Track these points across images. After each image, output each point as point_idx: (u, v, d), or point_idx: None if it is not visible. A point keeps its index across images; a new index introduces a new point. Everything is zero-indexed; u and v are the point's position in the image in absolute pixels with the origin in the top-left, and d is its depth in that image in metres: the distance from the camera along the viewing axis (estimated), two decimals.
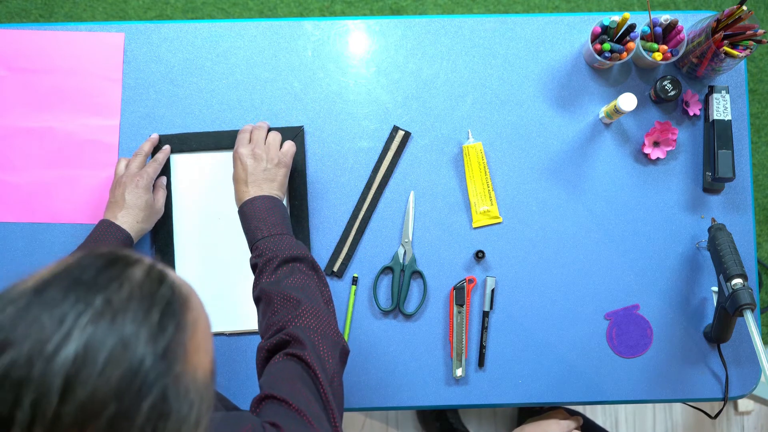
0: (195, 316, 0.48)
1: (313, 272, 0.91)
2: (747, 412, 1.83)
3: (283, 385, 0.73)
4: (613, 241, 1.11)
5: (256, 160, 0.99)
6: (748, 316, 0.95)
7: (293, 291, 0.86)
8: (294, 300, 0.85)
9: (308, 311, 0.84)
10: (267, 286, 0.88)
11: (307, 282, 0.89)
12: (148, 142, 1.07)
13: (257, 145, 1.01)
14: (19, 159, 1.10)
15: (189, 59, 1.12)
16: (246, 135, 1.03)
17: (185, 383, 0.45)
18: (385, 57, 1.13)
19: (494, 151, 1.12)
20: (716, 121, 1.09)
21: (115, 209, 1.01)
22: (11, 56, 1.11)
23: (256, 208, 0.96)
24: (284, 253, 0.90)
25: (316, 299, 0.87)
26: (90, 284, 0.44)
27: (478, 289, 1.11)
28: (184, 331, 0.46)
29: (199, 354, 0.47)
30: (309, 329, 0.81)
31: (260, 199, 0.97)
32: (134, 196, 1.01)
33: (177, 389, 0.44)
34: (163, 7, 1.87)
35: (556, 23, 1.14)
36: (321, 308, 0.85)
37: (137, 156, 1.05)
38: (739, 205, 1.12)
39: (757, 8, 1.94)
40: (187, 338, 0.46)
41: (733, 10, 1.00)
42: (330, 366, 0.79)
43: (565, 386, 1.10)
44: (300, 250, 0.92)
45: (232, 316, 1.09)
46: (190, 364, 0.45)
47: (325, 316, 0.85)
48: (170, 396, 0.43)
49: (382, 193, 1.11)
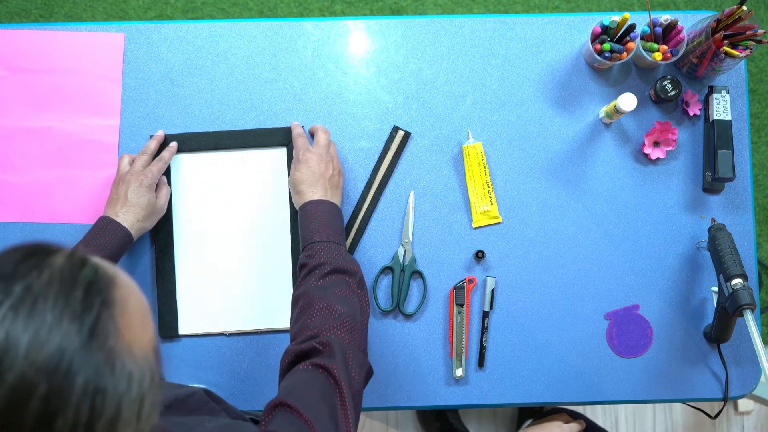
0: (124, 294, 0.48)
1: (359, 290, 0.91)
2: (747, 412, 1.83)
3: (301, 396, 0.73)
4: (613, 241, 1.11)
5: (326, 165, 1.01)
6: (748, 316, 0.95)
7: (337, 302, 0.86)
8: (336, 311, 0.84)
9: (346, 325, 0.83)
10: (312, 289, 0.88)
11: (351, 297, 0.88)
12: (154, 140, 1.07)
13: (326, 150, 1.03)
14: (19, 159, 1.10)
15: (189, 59, 1.12)
16: (304, 139, 1.04)
17: (120, 358, 0.45)
18: (385, 57, 1.13)
19: (494, 151, 1.12)
20: (716, 121, 1.09)
21: (117, 206, 1.01)
22: (11, 56, 1.11)
23: (320, 210, 0.97)
24: (337, 262, 0.90)
25: (356, 316, 0.86)
26: (9, 275, 0.45)
27: (478, 289, 1.11)
28: (112, 307, 0.46)
29: (132, 330, 0.47)
30: (343, 343, 0.81)
31: (327, 204, 0.98)
32: (137, 194, 1.01)
33: (111, 365, 0.44)
34: (163, 7, 1.87)
35: (556, 23, 1.14)
36: (358, 326, 0.85)
37: (143, 154, 1.05)
38: (739, 205, 1.12)
39: (757, 8, 1.94)
40: (116, 314, 0.46)
41: (733, 10, 1.00)
42: (355, 383, 0.78)
43: (565, 386, 1.10)
44: (353, 264, 0.92)
45: (232, 316, 1.09)
46: (124, 339, 0.46)
47: (360, 334, 0.85)
48: (104, 372, 0.44)
49: (382, 193, 1.11)
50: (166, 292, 1.08)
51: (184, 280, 1.09)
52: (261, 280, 1.09)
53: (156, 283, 1.09)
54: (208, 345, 1.09)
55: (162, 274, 1.09)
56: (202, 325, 1.09)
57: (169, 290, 1.08)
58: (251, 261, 1.09)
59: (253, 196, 1.11)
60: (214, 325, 1.09)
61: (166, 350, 1.08)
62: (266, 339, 1.09)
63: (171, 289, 1.08)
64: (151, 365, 0.48)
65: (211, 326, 1.09)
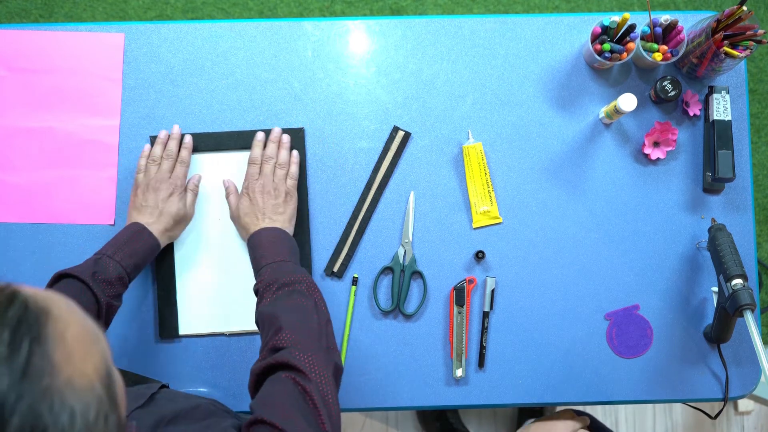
0: (60, 327, 0.46)
1: (310, 294, 0.91)
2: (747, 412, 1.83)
3: (273, 408, 0.73)
4: (613, 241, 1.11)
5: (266, 196, 1.03)
6: (748, 316, 0.95)
7: (291, 312, 0.86)
8: (288, 321, 0.84)
9: (298, 330, 0.83)
10: (263, 308, 0.89)
11: (302, 302, 0.89)
12: (173, 141, 1.07)
13: (266, 181, 1.04)
14: (19, 159, 1.10)
15: (189, 59, 1.12)
16: (255, 168, 1.05)
17: (59, 395, 0.43)
18: (385, 57, 1.13)
19: (494, 151, 1.12)
20: (716, 122, 1.09)
21: (145, 215, 1.02)
22: (11, 56, 1.11)
23: (262, 238, 0.99)
24: (284, 277, 0.91)
25: (310, 319, 0.87)
26: None
27: (478, 290, 1.11)
28: (44, 344, 0.44)
29: (72, 362, 0.45)
30: (302, 349, 0.80)
31: (267, 230, 1.00)
32: (168, 204, 1.02)
33: (50, 403, 0.43)
34: (163, 7, 1.87)
35: (556, 23, 1.14)
36: (314, 327, 0.85)
37: (168, 158, 1.05)
38: (739, 205, 1.12)
39: (757, 8, 1.94)
40: (50, 350, 0.44)
41: (733, 11, 1.00)
42: (323, 384, 0.78)
43: (565, 386, 1.10)
44: (299, 274, 0.93)
45: (232, 317, 1.09)
46: (62, 375, 0.44)
47: (318, 335, 0.84)
48: (41, 412, 0.42)
49: (382, 193, 1.11)
50: (166, 293, 1.08)
51: (185, 280, 1.09)
52: None
53: (156, 283, 1.09)
54: (209, 345, 1.09)
55: (162, 274, 1.09)
56: (202, 326, 1.09)
57: (169, 290, 1.08)
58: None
59: None
60: (214, 326, 1.09)
61: (167, 350, 1.08)
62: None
63: (171, 289, 1.08)
64: (98, 395, 0.46)
65: (212, 326, 1.09)
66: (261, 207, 1.02)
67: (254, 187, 1.04)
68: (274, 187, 1.04)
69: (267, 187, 1.03)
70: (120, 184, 1.10)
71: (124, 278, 0.95)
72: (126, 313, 1.08)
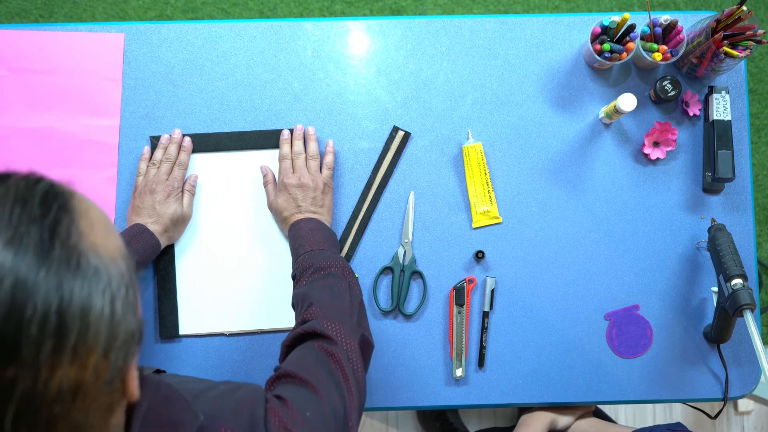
0: (84, 205, 0.49)
1: (343, 276, 0.93)
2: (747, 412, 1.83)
3: (298, 364, 0.75)
4: (613, 241, 1.11)
5: (304, 190, 1.04)
6: (748, 316, 0.95)
7: (317, 291, 0.89)
8: (320, 304, 0.87)
9: (328, 306, 0.85)
10: (298, 290, 0.92)
11: (335, 283, 0.91)
12: (173, 145, 1.08)
13: (302, 174, 1.05)
14: (19, 159, 1.10)
15: (189, 59, 1.12)
16: (288, 163, 1.06)
17: (86, 256, 0.45)
18: (385, 57, 1.13)
19: (494, 151, 1.12)
20: (716, 122, 1.09)
21: (144, 216, 1.03)
22: (11, 56, 1.11)
23: (301, 228, 1.01)
24: (319, 262, 0.93)
25: (342, 297, 0.89)
26: None
27: (478, 290, 1.11)
28: (71, 212, 0.47)
29: (95, 233, 0.47)
30: (325, 318, 0.83)
31: (306, 221, 1.02)
32: (165, 206, 1.03)
33: (77, 260, 0.44)
34: (163, 7, 1.87)
35: (556, 23, 1.14)
36: (344, 305, 0.88)
37: (167, 161, 1.07)
38: (739, 205, 1.12)
39: (757, 8, 1.94)
40: (77, 218, 0.47)
41: (732, 11, 1.00)
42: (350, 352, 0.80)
43: (565, 386, 1.10)
44: (335, 259, 0.95)
45: (232, 317, 1.09)
46: (87, 240, 0.46)
47: (350, 311, 0.87)
48: (69, 266, 0.44)
49: (382, 193, 1.11)
50: (167, 293, 1.08)
51: (185, 280, 1.09)
52: (261, 281, 1.09)
53: (156, 283, 1.09)
54: (209, 345, 1.09)
55: (163, 274, 1.09)
56: (202, 326, 1.09)
57: (170, 290, 1.08)
58: (252, 261, 1.10)
59: (253, 196, 1.11)
60: (214, 326, 1.09)
61: (167, 351, 1.08)
62: (266, 339, 1.09)
63: (172, 289, 1.08)
64: (120, 268, 0.48)
65: (212, 326, 1.09)
66: (299, 201, 1.04)
67: (291, 182, 1.04)
68: (312, 179, 1.05)
69: (304, 180, 1.04)
70: (120, 184, 1.10)
71: None
72: None
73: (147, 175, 1.06)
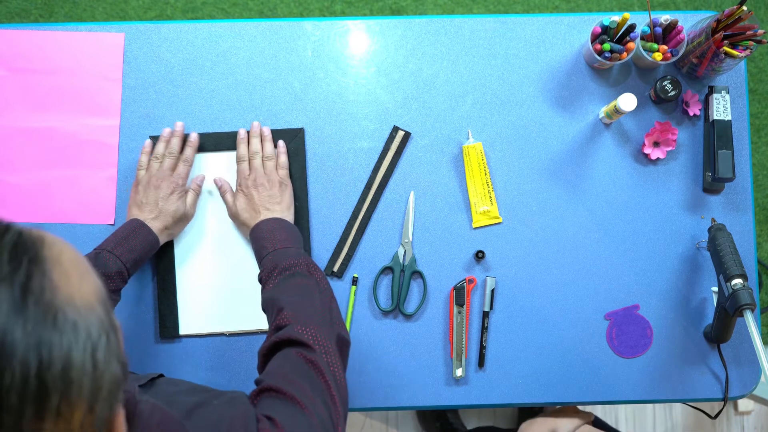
0: (55, 251, 0.47)
1: (309, 274, 0.92)
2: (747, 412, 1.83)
3: (278, 378, 0.75)
4: (613, 241, 1.11)
5: (260, 188, 1.04)
6: (748, 316, 0.95)
7: (285, 294, 0.88)
8: (284, 300, 0.86)
9: (298, 308, 0.85)
10: (266, 294, 0.91)
11: (303, 283, 0.90)
12: (176, 138, 1.07)
13: (257, 174, 1.05)
14: (19, 159, 1.10)
15: (189, 59, 1.12)
16: (245, 165, 1.06)
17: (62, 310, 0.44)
18: (385, 57, 1.13)
19: (494, 151, 1.12)
20: (716, 121, 1.09)
21: (145, 211, 1.02)
22: (11, 56, 1.11)
23: (262, 229, 1.00)
24: (283, 262, 0.93)
25: (312, 296, 0.88)
26: None
27: (478, 289, 1.11)
28: (42, 263, 0.45)
29: (70, 282, 0.46)
30: (299, 323, 0.82)
31: (265, 222, 1.01)
32: (168, 202, 1.02)
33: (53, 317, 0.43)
34: (163, 7, 1.87)
35: (556, 23, 1.14)
36: (315, 304, 0.87)
37: (170, 155, 1.05)
38: (739, 205, 1.12)
39: (757, 8, 1.94)
40: (48, 269, 0.45)
41: (733, 11, 1.00)
42: (328, 356, 0.80)
43: (565, 386, 1.10)
44: (298, 257, 0.94)
45: (232, 317, 1.09)
46: (62, 292, 0.44)
47: (318, 310, 0.86)
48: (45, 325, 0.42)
49: (382, 193, 1.11)
50: (167, 293, 1.08)
51: (185, 280, 1.09)
52: None
53: (156, 283, 1.09)
54: (209, 345, 1.09)
55: (163, 274, 1.09)
56: (202, 326, 1.09)
57: (170, 291, 1.08)
58: (252, 261, 1.09)
59: None
60: (214, 326, 1.09)
61: (167, 350, 1.08)
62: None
63: (171, 289, 1.08)
64: (98, 315, 0.46)
65: (212, 326, 1.09)
66: (257, 201, 1.03)
67: (247, 183, 1.05)
68: (267, 179, 1.04)
69: (259, 180, 1.04)
70: (120, 184, 1.10)
71: (123, 273, 0.96)
72: (126, 313, 1.08)
73: (150, 169, 1.04)
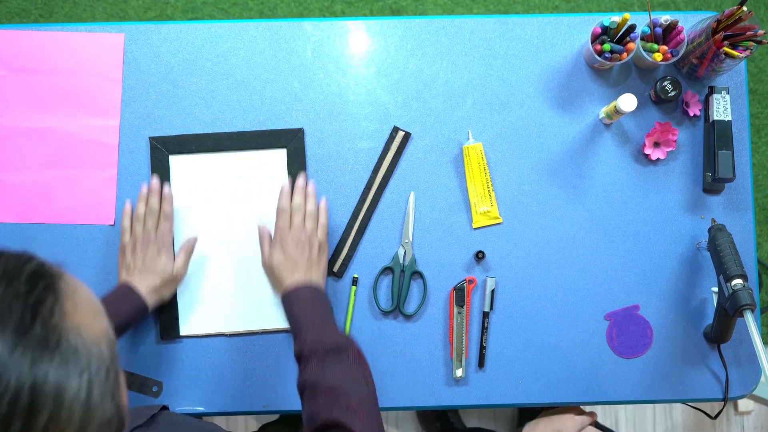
0: (71, 286, 0.48)
1: (358, 363, 0.91)
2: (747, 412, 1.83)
3: None
4: (613, 241, 1.11)
5: (301, 248, 1.01)
6: (748, 316, 0.95)
7: (338, 383, 0.87)
8: (339, 392, 0.85)
9: (355, 404, 0.84)
10: (311, 376, 0.89)
11: (353, 373, 0.89)
12: (154, 197, 1.05)
13: (298, 232, 1.02)
14: (19, 159, 1.10)
15: (189, 59, 1.12)
16: (286, 218, 1.03)
17: (66, 336, 0.45)
18: (385, 57, 1.13)
19: (494, 151, 1.12)
20: (716, 122, 1.09)
21: (134, 275, 1.02)
22: (11, 56, 1.11)
23: (299, 296, 0.98)
24: (328, 343, 0.91)
25: (362, 391, 0.87)
26: None
27: (478, 290, 1.11)
28: (57, 292, 0.46)
29: (80, 314, 0.47)
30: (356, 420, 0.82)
31: (303, 289, 0.99)
32: (155, 263, 1.02)
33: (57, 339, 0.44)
34: (163, 7, 1.87)
35: (556, 23, 1.14)
36: (369, 400, 0.86)
37: (151, 215, 1.04)
38: (739, 206, 1.12)
39: (757, 8, 1.94)
40: (62, 298, 0.46)
41: (733, 11, 1.00)
42: None
43: (565, 386, 1.10)
44: (345, 340, 0.93)
45: (232, 317, 1.09)
46: (70, 320, 0.46)
47: (367, 407, 0.85)
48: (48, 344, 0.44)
49: (382, 193, 1.11)
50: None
51: (185, 281, 1.09)
52: (261, 281, 1.09)
53: None
54: (209, 345, 1.09)
55: None
56: (202, 326, 1.09)
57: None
58: (252, 262, 1.09)
59: (253, 197, 1.11)
60: (214, 326, 1.09)
61: (168, 351, 1.08)
62: (266, 339, 1.09)
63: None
64: (102, 351, 0.47)
65: (212, 327, 1.09)
66: (294, 260, 1.01)
67: (287, 240, 1.02)
68: (308, 239, 1.02)
69: (300, 240, 1.02)
70: (120, 184, 1.10)
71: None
72: None
73: (134, 233, 1.04)
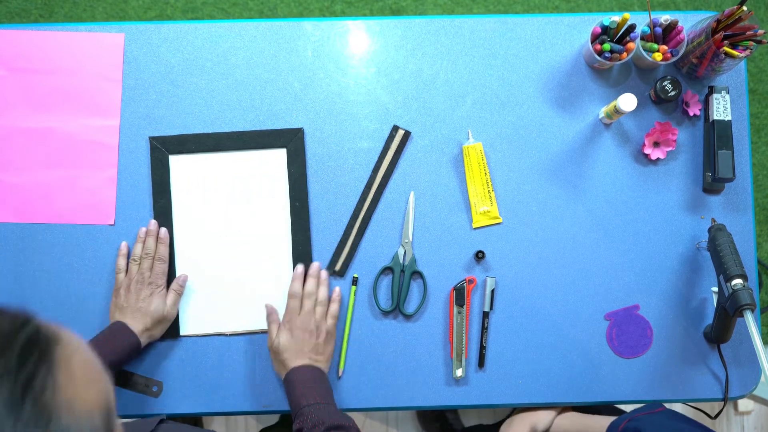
0: (68, 352, 0.47)
1: None
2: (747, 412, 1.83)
3: None
4: (613, 241, 1.11)
5: (309, 335, 1.03)
6: (748, 316, 0.95)
7: None
8: None
9: None
10: None
11: None
12: (151, 238, 1.07)
13: (309, 318, 1.03)
14: (19, 159, 1.10)
15: (189, 59, 1.12)
16: (296, 303, 1.05)
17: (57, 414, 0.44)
18: (385, 57, 1.13)
19: (494, 151, 1.12)
20: (716, 122, 1.09)
21: (127, 315, 1.03)
22: (11, 56, 1.11)
23: (304, 376, 0.99)
24: (331, 420, 0.92)
25: None
26: None
27: (478, 290, 1.11)
28: (50, 363, 0.45)
29: (74, 386, 0.46)
30: None
31: (306, 368, 1.00)
32: (148, 304, 1.03)
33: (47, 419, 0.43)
34: (163, 7, 1.87)
35: (556, 23, 1.14)
36: None
37: (147, 257, 1.05)
38: (739, 206, 1.12)
39: (757, 8, 1.94)
40: (55, 370, 0.45)
41: (733, 11, 1.00)
42: None
43: (565, 386, 1.10)
44: (346, 419, 0.94)
45: (232, 317, 1.09)
46: (63, 395, 0.45)
47: None
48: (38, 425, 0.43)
49: (382, 193, 1.11)
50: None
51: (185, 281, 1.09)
52: (261, 281, 1.09)
53: None
54: (209, 345, 1.09)
55: None
56: (202, 326, 1.09)
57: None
58: (251, 262, 1.10)
59: (253, 197, 1.11)
60: (214, 326, 1.09)
61: (168, 351, 1.08)
62: (266, 339, 1.09)
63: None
64: (94, 425, 0.46)
65: (212, 327, 1.09)
66: (301, 345, 1.02)
67: (295, 324, 1.03)
68: (316, 325, 1.03)
69: (308, 326, 1.03)
70: (120, 184, 1.10)
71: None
72: None
73: (129, 273, 1.05)
